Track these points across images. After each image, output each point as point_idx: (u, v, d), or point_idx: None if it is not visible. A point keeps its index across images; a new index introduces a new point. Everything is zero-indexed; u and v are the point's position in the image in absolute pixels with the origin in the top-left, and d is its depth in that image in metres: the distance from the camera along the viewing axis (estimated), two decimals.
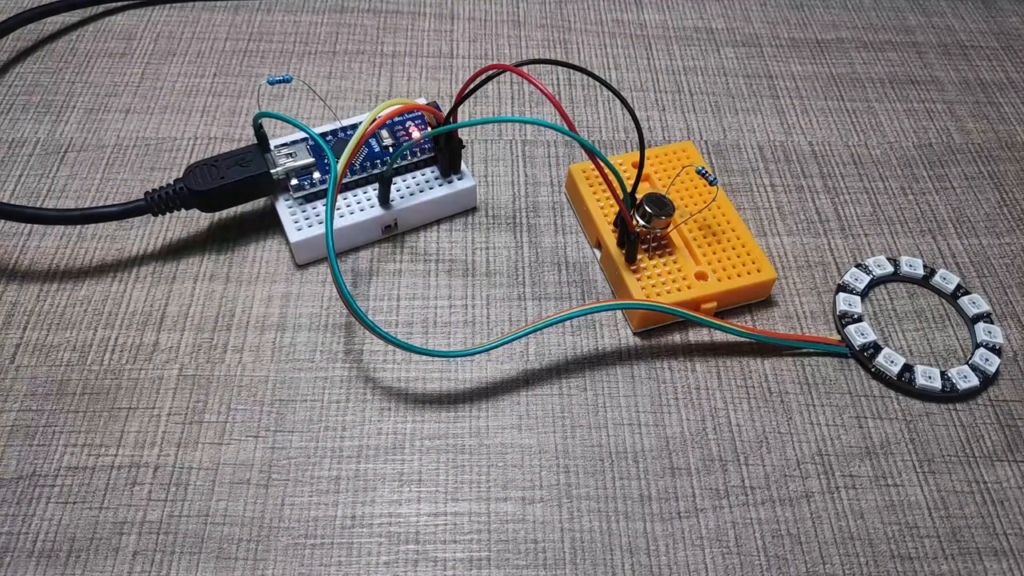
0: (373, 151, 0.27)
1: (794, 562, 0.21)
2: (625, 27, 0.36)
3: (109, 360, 0.24)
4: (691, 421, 0.24)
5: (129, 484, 0.22)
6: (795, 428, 0.24)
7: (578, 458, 0.23)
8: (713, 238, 0.27)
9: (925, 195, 0.30)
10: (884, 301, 0.27)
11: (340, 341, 0.25)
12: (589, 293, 0.27)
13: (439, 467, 0.22)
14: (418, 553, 0.21)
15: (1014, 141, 0.33)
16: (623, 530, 0.22)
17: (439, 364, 0.25)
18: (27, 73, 0.32)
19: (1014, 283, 0.28)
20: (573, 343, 0.25)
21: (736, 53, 0.35)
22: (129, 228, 0.27)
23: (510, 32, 0.35)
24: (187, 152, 0.30)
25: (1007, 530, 0.22)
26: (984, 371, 0.25)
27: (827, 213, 0.29)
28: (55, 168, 0.29)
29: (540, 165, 0.30)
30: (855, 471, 0.23)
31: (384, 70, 0.33)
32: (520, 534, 0.21)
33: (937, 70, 0.35)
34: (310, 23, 0.35)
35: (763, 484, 0.23)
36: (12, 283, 0.26)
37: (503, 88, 0.33)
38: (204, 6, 0.36)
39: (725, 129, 0.32)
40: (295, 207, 0.26)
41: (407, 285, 0.26)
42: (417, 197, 0.27)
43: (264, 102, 0.32)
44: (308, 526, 0.21)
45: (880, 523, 0.22)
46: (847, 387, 0.25)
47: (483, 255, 0.27)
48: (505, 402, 0.24)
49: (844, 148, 0.32)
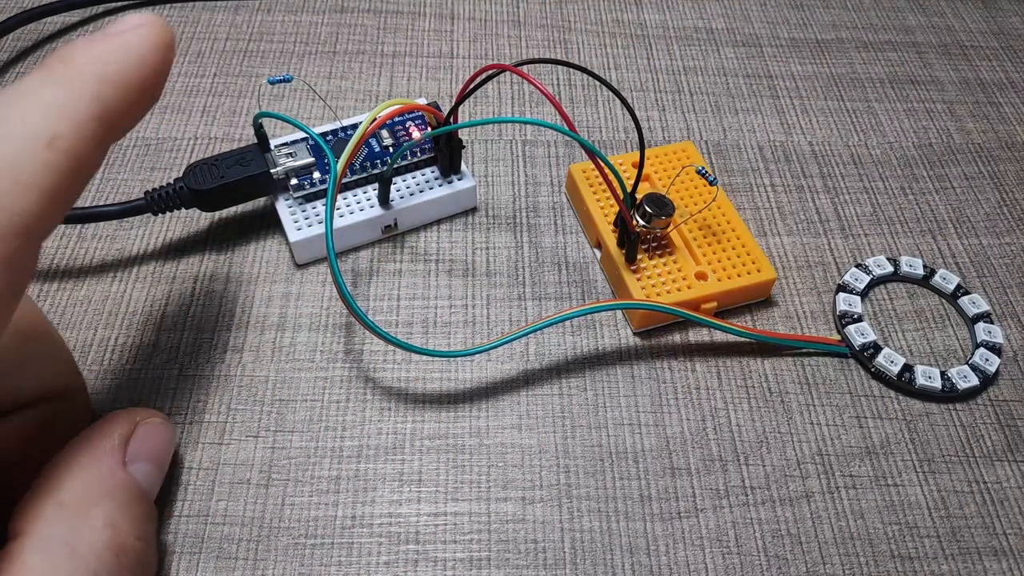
0: (373, 151, 0.27)
1: (794, 562, 0.21)
2: (625, 27, 0.36)
3: (109, 360, 0.24)
4: (691, 421, 0.24)
5: None
6: (795, 428, 0.24)
7: (578, 458, 0.23)
8: (713, 238, 0.27)
9: (925, 195, 0.30)
10: (884, 301, 0.27)
11: (340, 341, 0.25)
12: (589, 293, 0.27)
13: (439, 467, 0.22)
14: (418, 553, 0.21)
15: (1014, 141, 0.33)
16: (623, 530, 0.22)
17: (439, 364, 0.25)
18: (27, 73, 0.32)
19: (1014, 283, 0.28)
20: (573, 343, 0.25)
21: (736, 53, 0.35)
22: (129, 228, 0.27)
23: (510, 32, 0.35)
24: (187, 152, 0.30)
25: (1007, 530, 0.22)
26: (984, 371, 0.25)
27: (827, 213, 0.29)
28: None
29: (540, 165, 0.30)
30: (855, 471, 0.23)
31: (384, 70, 0.33)
32: (520, 534, 0.21)
33: (937, 70, 0.35)
34: (310, 23, 0.35)
35: (763, 484, 0.23)
36: None
37: (503, 88, 0.33)
38: (204, 6, 0.36)
39: (725, 129, 0.32)
40: (295, 207, 0.26)
41: (407, 285, 0.26)
42: (417, 197, 0.27)
43: (264, 102, 0.32)
44: (308, 526, 0.21)
45: (880, 523, 0.22)
46: (847, 387, 0.25)
47: (483, 255, 0.27)
48: (505, 402, 0.24)
49: (844, 148, 0.32)
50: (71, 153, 0.15)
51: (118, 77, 0.16)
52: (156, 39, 0.17)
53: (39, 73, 0.15)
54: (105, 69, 0.16)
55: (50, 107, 0.15)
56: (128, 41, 0.16)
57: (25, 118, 0.15)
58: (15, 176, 0.14)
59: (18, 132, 0.14)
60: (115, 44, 0.16)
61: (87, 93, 0.15)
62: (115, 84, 0.16)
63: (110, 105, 0.16)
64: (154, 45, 0.17)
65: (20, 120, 0.15)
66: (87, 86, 0.15)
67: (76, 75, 0.15)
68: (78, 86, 0.15)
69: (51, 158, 0.15)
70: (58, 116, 0.15)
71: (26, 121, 0.15)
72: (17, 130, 0.14)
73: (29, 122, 0.15)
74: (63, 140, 0.15)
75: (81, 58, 0.16)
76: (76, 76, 0.15)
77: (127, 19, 0.17)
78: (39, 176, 0.14)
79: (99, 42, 0.16)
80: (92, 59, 0.16)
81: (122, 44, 0.16)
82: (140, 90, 0.16)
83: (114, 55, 0.16)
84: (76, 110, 0.15)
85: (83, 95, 0.15)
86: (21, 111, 0.15)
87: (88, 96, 0.15)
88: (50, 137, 0.15)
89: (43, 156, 0.14)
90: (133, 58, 0.16)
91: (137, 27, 0.17)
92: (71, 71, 0.15)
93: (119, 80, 0.16)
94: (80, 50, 0.16)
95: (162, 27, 0.17)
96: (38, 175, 0.14)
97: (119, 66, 0.16)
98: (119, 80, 0.16)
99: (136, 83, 0.16)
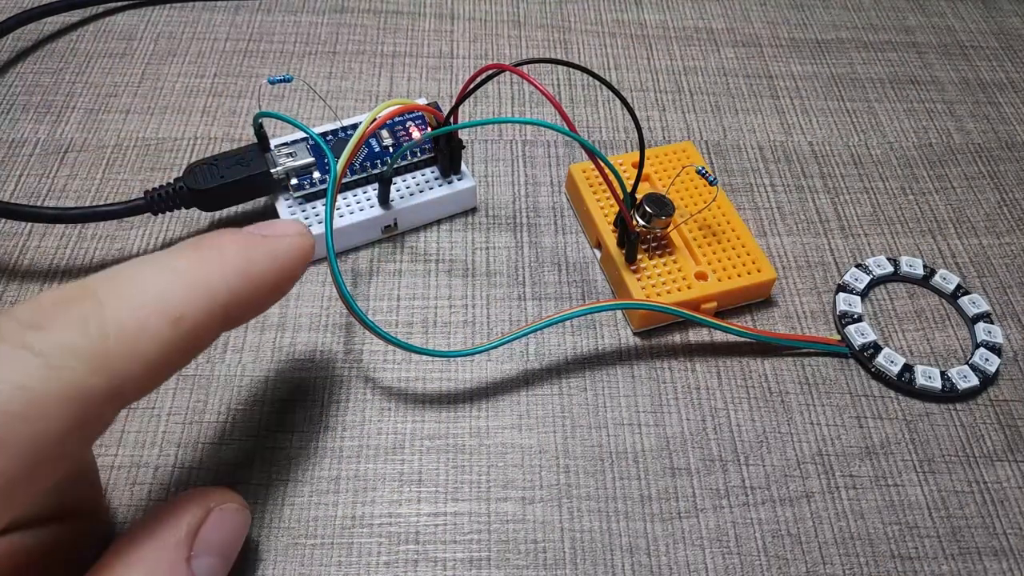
0: (373, 151, 0.27)
1: (794, 562, 0.21)
2: (625, 27, 0.36)
3: None
4: (691, 421, 0.24)
5: (129, 484, 0.22)
6: (795, 428, 0.24)
7: (578, 458, 0.23)
8: (713, 238, 0.27)
9: (925, 195, 0.30)
10: (884, 301, 0.27)
11: (340, 341, 0.25)
12: (589, 293, 0.27)
13: (439, 467, 0.22)
14: (418, 553, 0.21)
15: (1014, 141, 0.33)
16: (623, 530, 0.22)
17: (439, 364, 0.25)
18: (27, 73, 0.32)
19: (1014, 283, 0.28)
20: (573, 343, 0.25)
21: (736, 53, 0.35)
22: (129, 228, 0.27)
23: (510, 32, 0.35)
24: (187, 152, 0.30)
25: (1007, 530, 0.22)
26: (984, 371, 0.25)
27: (827, 213, 0.29)
28: (55, 168, 0.29)
29: (540, 165, 0.30)
30: (855, 471, 0.23)
31: (384, 70, 0.33)
32: (520, 534, 0.21)
33: (937, 70, 0.35)
34: (310, 23, 0.35)
35: (763, 484, 0.23)
36: (12, 283, 0.26)
37: (503, 88, 0.33)
38: (204, 6, 0.36)
39: (725, 129, 0.32)
40: (295, 207, 0.26)
41: (407, 285, 0.26)
42: (417, 197, 0.27)
43: (264, 102, 0.32)
44: (308, 526, 0.21)
45: (880, 523, 0.22)
46: (847, 387, 0.25)
47: (483, 255, 0.27)
48: (505, 402, 0.24)
49: (844, 148, 0.32)
50: (190, 335, 0.15)
51: (257, 277, 0.16)
52: (302, 252, 0.17)
53: (187, 251, 0.16)
54: (249, 267, 0.16)
55: (188, 288, 0.15)
56: (276, 248, 0.17)
57: (162, 290, 0.15)
58: (133, 345, 0.14)
59: (150, 301, 0.14)
60: (264, 247, 0.17)
61: (226, 284, 0.15)
62: (252, 282, 0.16)
63: (241, 299, 0.16)
64: (298, 257, 0.17)
65: (156, 290, 0.14)
66: (227, 278, 0.16)
67: (220, 264, 0.16)
68: (219, 275, 0.15)
69: (171, 335, 0.14)
70: (192, 299, 0.15)
71: (162, 294, 0.14)
72: (150, 300, 0.14)
73: (164, 296, 0.14)
74: (188, 321, 0.15)
75: (230, 249, 0.16)
76: (220, 265, 0.16)
77: (281, 225, 0.18)
78: (153, 349, 0.14)
79: (249, 240, 0.17)
80: (239, 253, 0.16)
81: (271, 249, 0.17)
82: (270, 292, 0.17)
83: (260, 255, 0.17)
84: (211, 297, 0.15)
85: (222, 285, 0.15)
86: (159, 282, 0.15)
87: (226, 288, 0.15)
88: (178, 316, 0.15)
89: (166, 332, 0.14)
90: (276, 264, 0.17)
91: (287, 235, 0.17)
92: (217, 259, 0.16)
93: (257, 280, 0.16)
94: (230, 241, 0.16)
95: (309, 241, 0.18)
96: (153, 348, 0.14)
97: (261, 267, 0.16)
98: (257, 280, 0.16)
99: (270, 286, 0.17)
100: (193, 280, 0.15)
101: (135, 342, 0.14)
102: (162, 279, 0.15)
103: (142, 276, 0.15)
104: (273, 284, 0.17)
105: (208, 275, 0.15)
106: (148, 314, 0.14)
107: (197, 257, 0.16)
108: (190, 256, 0.15)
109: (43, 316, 0.14)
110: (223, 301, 0.15)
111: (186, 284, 0.15)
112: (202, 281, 0.15)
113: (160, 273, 0.15)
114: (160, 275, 0.15)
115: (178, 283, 0.15)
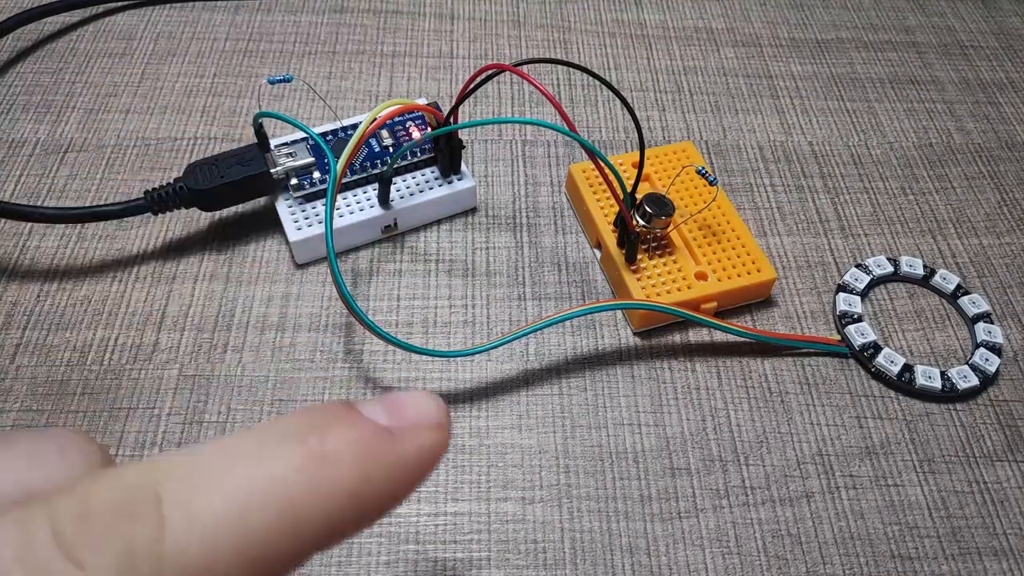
0: (373, 151, 0.27)
1: (794, 562, 0.21)
2: (625, 27, 0.36)
3: (109, 360, 0.24)
4: (691, 421, 0.24)
5: None
6: (795, 428, 0.24)
7: (578, 458, 0.23)
8: (713, 238, 0.26)
9: (925, 195, 0.30)
10: (884, 301, 0.27)
11: (340, 341, 0.25)
12: (589, 293, 0.27)
13: (439, 467, 0.22)
14: (418, 553, 0.21)
15: (1014, 141, 0.33)
16: (623, 530, 0.22)
17: (439, 364, 0.25)
18: (27, 73, 0.32)
19: (1014, 283, 0.28)
20: (573, 343, 0.25)
21: (736, 53, 0.35)
22: (129, 228, 0.27)
23: (510, 32, 0.35)
24: (187, 152, 0.30)
25: (1007, 530, 0.22)
26: (984, 371, 0.25)
27: (827, 213, 0.29)
28: (55, 168, 0.29)
29: (540, 165, 0.30)
30: (855, 471, 0.23)
31: (384, 70, 0.33)
32: (520, 534, 0.21)
33: (937, 70, 0.35)
34: (310, 23, 0.35)
35: (763, 484, 0.23)
36: (12, 283, 0.26)
37: (503, 88, 0.33)
38: (204, 6, 0.36)
39: (725, 129, 0.32)
40: (295, 207, 0.26)
41: (407, 285, 0.26)
42: (417, 197, 0.27)
43: (264, 102, 0.32)
44: None
45: (880, 523, 0.22)
46: (847, 387, 0.25)
47: (483, 255, 0.27)
48: (505, 402, 0.24)
49: (844, 148, 0.32)
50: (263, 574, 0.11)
51: (368, 498, 0.11)
52: (433, 455, 0.12)
53: (297, 447, 0.11)
54: (362, 488, 0.11)
55: (280, 515, 0.11)
56: (405, 454, 0.12)
57: (246, 509, 0.10)
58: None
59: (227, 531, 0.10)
60: (389, 458, 0.12)
61: (326, 516, 0.11)
62: (360, 507, 0.11)
63: (336, 533, 0.11)
64: (428, 463, 0.12)
65: (239, 508, 0.10)
66: (330, 506, 0.11)
67: (329, 483, 0.11)
68: (323, 502, 0.11)
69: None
70: (282, 534, 0.11)
71: (245, 518, 0.10)
72: (228, 527, 0.10)
73: (248, 523, 0.10)
74: (267, 563, 0.11)
75: (346, 460, 0.11)
76: (329, 484, 0.11)
77: (413, 408, 0.12)
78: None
79: (373, 450, 0.12)
80: (355, 467, 0.11)
81: (397, 460, 0.12)
82: (376, 514, 0.12)
83: (381, 473, 0.12)
84: (305, 535, 0.11)
85: (321, 518, 0.11)
86: (248, 493, 0.11)
87: (326, 519, 0.11)
88: (259, 557, 0.10)
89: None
90: (395, 481, 0.12)
91: (418, 428, 0.12)
92: (330, 477, 0.11)
93: (366, 503, 0.11)
94: (347, 446, 0.11)
95: (443, 437, 0.13)
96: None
97: (377, 487, 0.12)
98: (366, 503, 0.11)
99: (378, 509, 0.12)
100: (290, 506, 0.11)
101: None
102: (255, 488, 0.11)
103: (232, 478, 0.11)
104: (384, 506, 0.12)
105: (312, 503, 0.11)
106: (220, 549, 0.10)
107: (308, 470, 0.11)
108: (298, 464, 0.11)
109: (88, 532, 0.10)
110: (314, 534, 0.11)
111: (279, 511, 0.10)
112: (304, 513, 0.11)
113: (253, 481, 0.11)
114: (253, 482, 0.11)
115: (271, 505, 0.10)
